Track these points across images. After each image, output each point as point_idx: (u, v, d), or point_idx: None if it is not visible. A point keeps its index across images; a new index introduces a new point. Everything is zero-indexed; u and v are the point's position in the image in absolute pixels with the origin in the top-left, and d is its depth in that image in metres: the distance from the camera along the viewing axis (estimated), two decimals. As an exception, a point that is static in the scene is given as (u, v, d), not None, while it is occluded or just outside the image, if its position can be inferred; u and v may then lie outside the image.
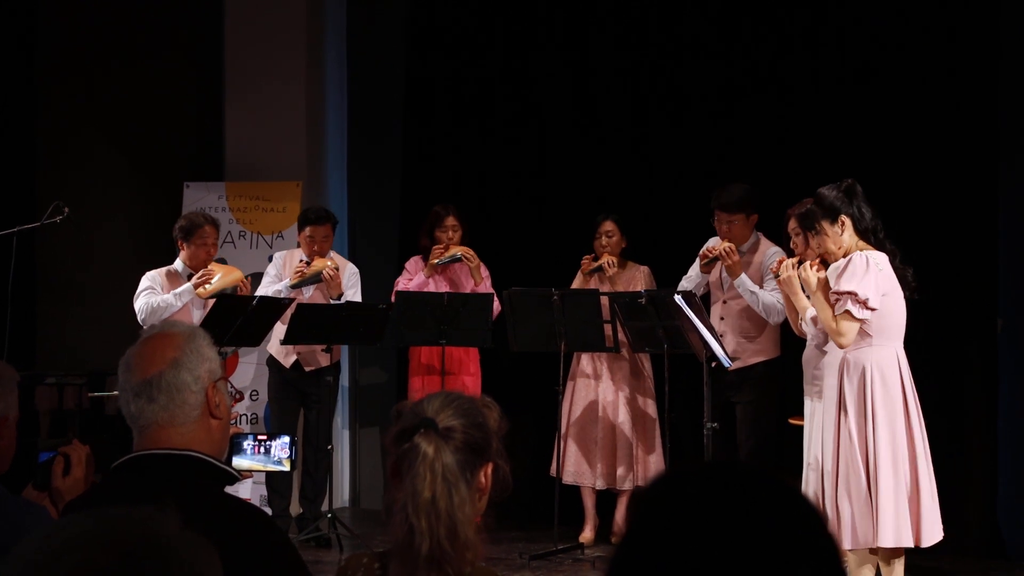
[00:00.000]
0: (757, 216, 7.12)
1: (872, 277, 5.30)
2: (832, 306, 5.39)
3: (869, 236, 5.43)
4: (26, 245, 8.08)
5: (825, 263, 5.56)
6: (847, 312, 5.30)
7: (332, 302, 7.50)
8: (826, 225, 5.43)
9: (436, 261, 7.76)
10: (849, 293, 5.28)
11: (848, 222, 5.40)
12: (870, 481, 5.32)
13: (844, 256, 5.43)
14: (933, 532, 5.43)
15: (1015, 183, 7.37)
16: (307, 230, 7.56)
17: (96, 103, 9.37)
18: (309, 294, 7.61)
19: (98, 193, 9.14)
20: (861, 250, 5.38)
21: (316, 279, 7.49)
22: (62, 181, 9.13)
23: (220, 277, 7.16)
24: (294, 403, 7.71)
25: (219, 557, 2.16)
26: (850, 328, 5.32)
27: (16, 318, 7.52)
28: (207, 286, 7.12)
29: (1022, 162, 7.37)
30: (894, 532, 5.31)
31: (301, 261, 7.57)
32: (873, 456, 5.31)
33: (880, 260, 5.36)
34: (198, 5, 9.21)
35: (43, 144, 9.55)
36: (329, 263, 7.51)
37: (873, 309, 5.30)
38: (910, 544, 5.39)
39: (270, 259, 8.01)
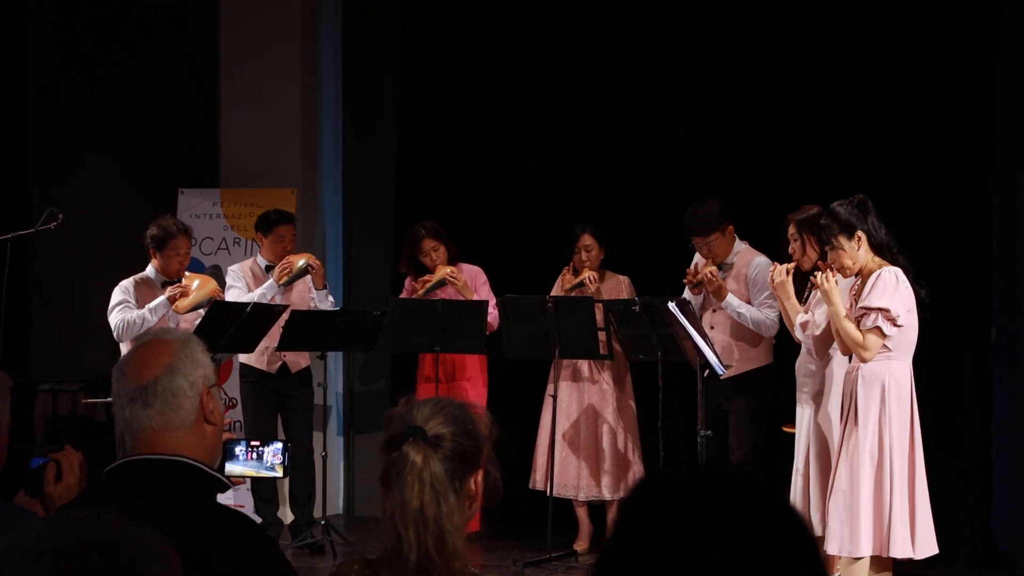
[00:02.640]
0: (733, 226, 7.11)
1: (901, 293, 5.39)
2: (857, 320, 5.42)
3: (884, 251, 5.47)
4: (20, 251, 8.08)
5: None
6: (877, 328, 5.35)
7: (316, 302, 7.54)
8: (843, 240, 5.47)
9: (423, 291, 7.72)
10: (881, 310, 5.33)
11: (864, 238, 5.45)
12: (881, 492, 5.36)
13: (859, 272, 5.48)
14: (930, 544, 5.48)
15: (1009, 190, 7.38)
16: (279, 229, 7.60)
17: (91, 109, 9.37)
18: (279, 294, 7.58)
19: (93, 199, 9.14)
20: (878, 266, 5.42)
21: (303, 273, 7.51)
22: (57, 187, 9.12)
23: (195, 289, 7.07)
24: (270, 409, 7.69)
25: (209, 564, 2.17)
26: (876, 343, 5.40)
27: (10, 324, 7.51)
28: (184, 300, 7.06)
29: (1016, 168, 7.38)
30: (902, 543, 5.36)
31: (283, 265, 7.52)
32: (889, 469, 5.35)
33: (903, 276, 5.43)
34: (193, 11, 9.22)
35: (37, 151, 9.55)
36: (306, 256, 7.53)
37: (900, 326, 5.36)
38: (915, 555, 5.44)
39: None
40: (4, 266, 7.34)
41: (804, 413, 6.16)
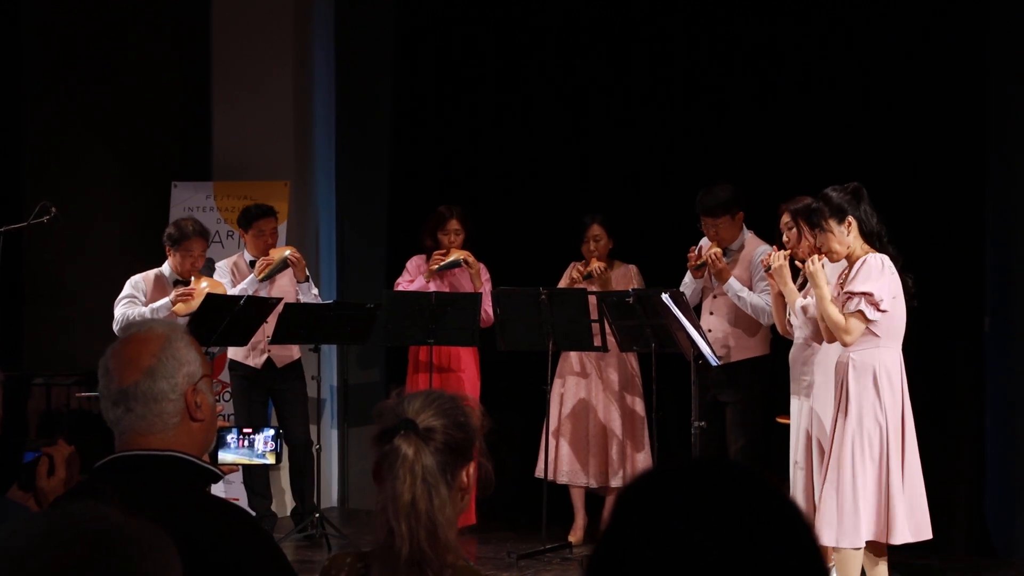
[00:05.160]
0: (743, 214, 7.13)
1: (886, 279, 5.38)
2: (841, 304, 5.43)
3: (874, 240, 5.48)
4: (14, 245, 8.06)
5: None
6: (860, 312, 5.35)
7: (301, 295, 7.52)
8: (833, 224, 5.48)
9: (435, 267, 7.74)
10: (864, 294, 5.34)
11: (855, 223, 5.46)
12: (881, 481, 5.37)
13: (847, 257, 5.48)
14: (925, 528, 5.50)
15: (1002, 181, 7.39)
16: (259, 223, 7.55)
17: (84, 103, 9.36)
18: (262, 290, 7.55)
19: (86, 193, 9.12)
20: (865, 253, 5.43)
21: (283, 266, 7.49)
22: (50, 181, 9.11)
23: (203, 291, 7.05)
24: (260, 402, 7.67)
25: (204, 555, 2.17)
26: (859, 328, 5.39)
27: (3, 318, 7.52)
28: (187, 304, 7.05)
29: (1008, 159, 7.38)
30: (901, 529, 5.38)
31: (263, 260, 7.49)
32: (886, 457, 5.36)
33: (890, 263, 5.43)
34: (186, 5, 9.19)
35: (31, 144, 9.53)
36: (289, 249, 7.51)
37: (884, 311, 5.36)
38: (924, 538, 5.49)
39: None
40: (-3, 260, 7.33)
41: (799, 405, 6.16)
